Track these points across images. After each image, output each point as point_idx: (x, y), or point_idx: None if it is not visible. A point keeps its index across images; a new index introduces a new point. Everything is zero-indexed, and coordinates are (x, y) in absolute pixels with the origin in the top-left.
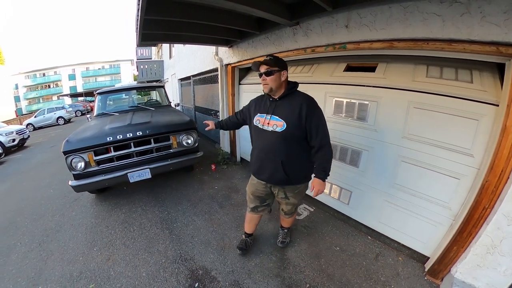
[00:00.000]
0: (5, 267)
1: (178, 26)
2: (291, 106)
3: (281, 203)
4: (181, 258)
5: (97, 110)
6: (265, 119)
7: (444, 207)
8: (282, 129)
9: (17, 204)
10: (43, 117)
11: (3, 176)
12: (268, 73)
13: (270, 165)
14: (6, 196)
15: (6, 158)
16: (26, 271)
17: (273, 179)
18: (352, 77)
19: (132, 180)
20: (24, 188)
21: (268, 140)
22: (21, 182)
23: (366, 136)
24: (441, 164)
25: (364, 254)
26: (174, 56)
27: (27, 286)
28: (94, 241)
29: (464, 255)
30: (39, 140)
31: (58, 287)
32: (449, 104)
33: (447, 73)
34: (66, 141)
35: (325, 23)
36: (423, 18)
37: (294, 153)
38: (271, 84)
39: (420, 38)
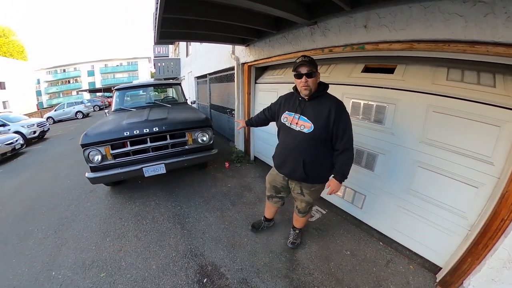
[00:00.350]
0: (22, 251)
1: (195, 25)
2: (320, 109)
3: (296, 199)
4: (191, 253)
5: (115, 105)
6: (294, 118)
7: (460, 216)
8: (309, 131)
9: (36, 193)
10: (63, 111)
11: (24, 166)
12: (309, 74)
13: (291, 162)
14: (26, 184)
15: (27, 149)
16: (41, 256)
17: (293, 175)
18: (370, 78)
19: (147, 174)
20: (43, 178)
21: (294, 139)
22: (41, 172)
23: (383, 139)
24: (459, 171)
25: (374, 260)
26: (191, 54)
27: (42, 270)
28: (107, 232)
29: (479, 268)
30: (58, 133)
31: (70, 274)
32: (469, 109)
33: (469, 77)
34: (84, 135)
35: (343, 23)
36: (445, 18)
37: (317, 155)
38: (312, 85)
39: (441, 40)
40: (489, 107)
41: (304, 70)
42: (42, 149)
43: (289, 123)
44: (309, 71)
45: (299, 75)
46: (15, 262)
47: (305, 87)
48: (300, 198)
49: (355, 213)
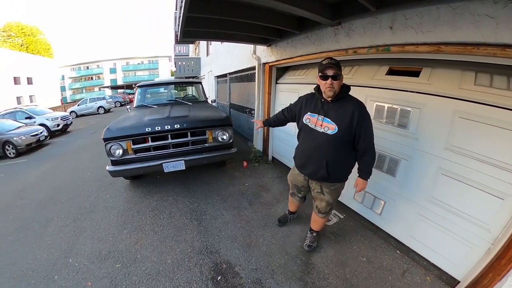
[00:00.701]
0: (42, 237)
1: (218, 24)
2: (343, 110)
3: (316, 198)
4: (207, 250)
5: (137, 102)
6: (317, 119)
7: (482, 228)
8: (334, 132)
9: (57, 183)
10: (85, 106)
11: (48, 156)
12: (335, 77)
13: (314, 163)
14: (49, 174)
15: (50, 140)
16: (59, 243)
17: (315, 175)
18: (395, 81)
19: (166, 170)
20: (65, 169)
21: (318, 140)
22: (63, 163)
23: (406, 145)
24: (484, 181)
25: (391, 268)
26: (211, 53)
27: (59, 257)
28: (124, 224)
29: (500, 284)
30: (80, 127)
31: (87, 262)
32: (499, 116)
33: (498, 81)
34: (107, 129)
35: (368, 23)
36: (474, 20)
37: (340, 155)
38: (336, 88)
39: (470, 42)
40: None
41: (331, 73)
42: (65, 141)
43: (313, 125)
44: (335, 73)
45: (325, 76)
46: (35, 247)
47: (330, 88)
48: (320, 198)
49: (373, 219)
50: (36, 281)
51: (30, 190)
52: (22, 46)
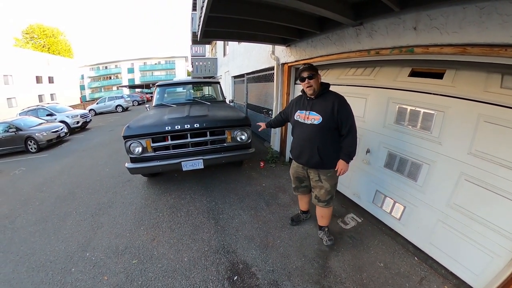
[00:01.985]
0: (60, 230)
1: (239, 24)
2: (325, 103)
3: (315, 187)
4: (224, 250)
5: (156, 101)
6: (305, 114)
7: (506, 238)
8: (319, 122)
9: (77, 177)
10: (104, 104)
11: (67, 152)
12: (310, 77)
13: (308, 150)
14: (68, 169)
15: (70, 137)
16: (77, 237)
17: (310, 162)
18: (418, 83)
19: (185, 168)
20: (84, 164)
21: (308, 131)
22: (82, 158)
23: (429, 149)
24: (509, 188)
25: (408, 275)
26: (228, 54)
27: (77, 250)
28: (142, 221)
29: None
30: (99, 124)
31: (103, 257)
32: None
33: None
34: (127, 127)
35: (391, 24)
36: (502, 20)
37: (328, 141)
38: (314, 85)
39: (497, 44)
40: None
41: (306, 74)
42: (84, 138)
43: (302, 119)
44: (310, 74)
45: (302, 78)
46: (53, 239)
47: (309, 87)
48: (319, 186)
49: (392, 224)
50: (53, 272)
51: (50, 184)
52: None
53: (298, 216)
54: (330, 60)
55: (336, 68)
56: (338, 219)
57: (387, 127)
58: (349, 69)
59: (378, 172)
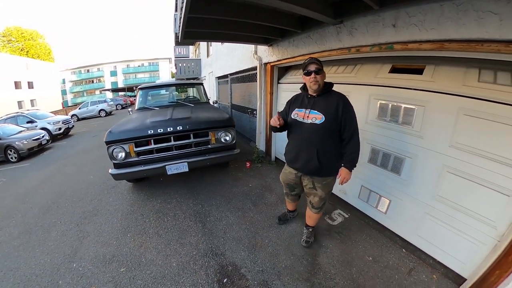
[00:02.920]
0: (45, 242)
1: (220, 25)
2: (328, 102)
3: (309, 194)
4: (212, 252)
5: (139, 104)
6: (305, 113)
7: (489, 225)
8: (321, 121)
9: (60, 186)
10: (87, 109)
11: (50, 160)
12: (317, 71)
13: (306, 153)
14: (51, 178)
15: (52, 144)
16: (63, 248)
17: (306, 167)
18: (398, 79)
19: (169, 172)
20: (67, 172)
21: (307, 131)
22: (65, 166)
23: (411, 143)
24: (490, 178)
25: (397, 267)
26: (211, 54)
27: (63, 261)
28: (128, 228)
29: (507, 281)
30: (82, 130)
31: (91, 267)
32: (503, 112)
33: (502, 78)
34: (109, 132)
35: (371, 22)
36: (478, 17)
37: (328, 145)
38: (320, 81)
39: (474, 39)
40: None
41: (313, 68)
42: (67, 145)
43: (301, 118)
44: (317, 68)
45: (309, 72)
46: (38, 252)
47: (314, 82)
48: (313, 193)
49: (379, 218)
50: (40, 287)
51: (33, 194)
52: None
53: (285, 215)
54: None
55: None
56: (326, 216)
57: (369, 123)
58: (331, 67)
59: (362, 168)
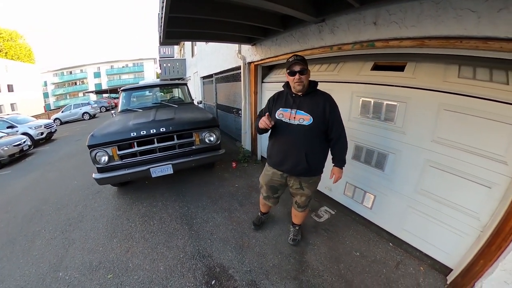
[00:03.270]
0: (29, 251)
1: (202, 24)
2: (315, 103)
3: (295, 195)
4: (199, 255)
5: (122, 106)
6: (291, 113)
7: (472, 217)
8: (309, 123)
9: (44, 193)
10: (70, 112)
11: (32, 166)
12: (302, 71)
13: (294, 156)
14: (34, 185)
15: (35, 150)
16: (48, 257)
17: (295, 169)
18: (380, 76)
19: (154, 175)
20: (51, 178)
21: (295, 133)
22: (48, 172)
23: (394, 139)
24: (471, 171)
25: (384, 261)
26: (196, 54)
27: (49, 271)
28: (114, 233)
29: (491, 270)
30: (65, 134)
31: (78, 275)
32: (482, 107)
33: (481, 74)
34: (91, 136)
35: (352, 20)
36: (457, 14)
37: (316, 146)
38: (305, 82)
39: (453, 36)
40: (503, 105)
41: (298, 68)
42: (50, 150)
43: (287, 119)
44: (302, 68)
45: (293, 72)
46: (22, 262)
47: (299, 83)
48: (300, 193)
49: (365, 213)
50: None
51: (16, 202)
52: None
53: (259, 219)
54: None
55: None
56: (312, 213)
57: (352, 121)
58: (314, 66)
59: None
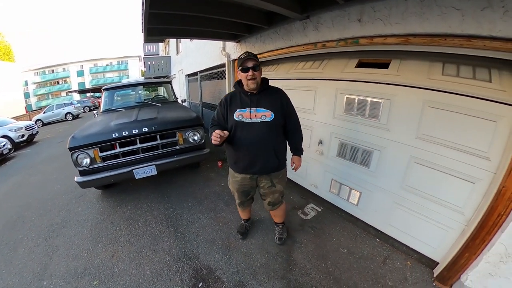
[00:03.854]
0: (12, 261)
1: (185, 21)
2: (272, 98)
3: (267, 194)
4: (186, 257)
5: (104, 106)
6: (250, 112)
7: (456, 212)
8: (272, 118)
9: (25, 199)
10: (52, 113)
11: (13, 171)
12: (254, 67)
13: (263, 155)
14: (16, 190)
15: (15, 153)
16: (32, 266)
17: (266, 168)
18: (364, 73)
19: (137, 176)
20: (32, 183)
21: (258, 131)
22: (30, 177)
23: (378, 136)
24: (455, 167)
25: (372, 257)
26: (181, 52)
27: (33, 280)
28: (99, 237)
29: (476, 263)
30: (47, 136)
31: (62, 283)
32: (465, 104)
33: (464, 71)
34: (71, 137)
35: (337, 16)
36: (441, 12)
37: (280, 139)
38: (258, 78)
39: (437, 34)
40: (485, 102)
41: (250, 64)
42: (31, 153)
43: (248, 119)
44: (255, 64)
45: (246, 69)
46: (5, 272)
47: (252, 80)
48: (272, 191)
49: (351, 210)
50: None
51: None
52: None
53: (244, 227)
54: (279, 54)
55: (286, 63)
56: (298, 211)
57: (337, 118)
58: (299, 63)
59: (331, 162)
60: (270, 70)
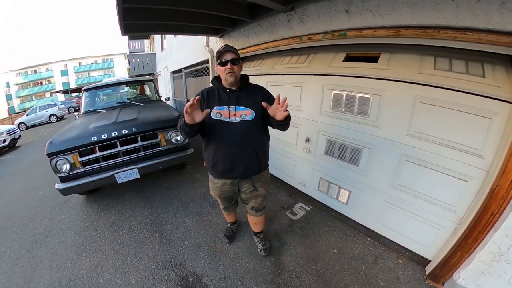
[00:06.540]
0: None
1: (163, 15)
2: (253, 95)
3: (250, 199)
4: (171, 264)
5: (84, 107)
6: (229, 111)
7: (449, 210)
8: (252, 117)
9: (7, 208)
10: (35, 115)
11: None
12: (233, 61)
13: (244, 157)
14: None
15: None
16: (15, 280)
17: (248, 171)
18: (353, 68)
19: (120, 181)
20: (15, 191)
21: (238, 131)
22: (12, 184)
23: (368, 133)
24: (447, 165)
25: (363, 257)
26: (166, 48)
27: None
28: (83, 246)
29: (468, 261)
30: (31, 140)
31: None
32: (458, 100)
33: (457, 66)
34: (49, 143)
35: (323, 8)
36: (435, 2)
37: (261, 139)
38: (237, 73)
39: (430, 26)
40: (479, 98)
41: (229, 57)
42: (14, 158)
43: (227, 118)
44: (234, 58)
45: (224, 62)
46: None
47: (231, 74)
48: (254, 195)
49: (340, 209)
50: None
51: None
52: None
53: (230, 230)
54: (264, 49)
55: (272, 58)
56: (287, 211)
57: (324, 114)
58: (284, 58)
59: (319, 160)
60: (255, 66)
